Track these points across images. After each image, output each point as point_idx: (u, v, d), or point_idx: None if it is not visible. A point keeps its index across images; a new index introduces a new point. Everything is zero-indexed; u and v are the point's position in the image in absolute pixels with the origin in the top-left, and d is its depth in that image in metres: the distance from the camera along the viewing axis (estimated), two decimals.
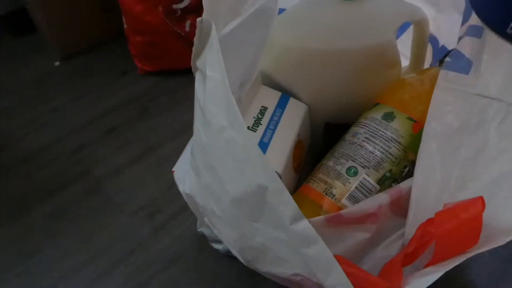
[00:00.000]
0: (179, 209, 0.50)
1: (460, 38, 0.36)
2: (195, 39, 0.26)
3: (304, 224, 0.25)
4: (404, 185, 0.33)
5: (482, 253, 0.31)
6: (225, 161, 0.26)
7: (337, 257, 0.26)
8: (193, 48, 0.27)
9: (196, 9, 0.61)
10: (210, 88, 0.25)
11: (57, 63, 0.74)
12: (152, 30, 0.62)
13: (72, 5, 0.69)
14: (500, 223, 0.29)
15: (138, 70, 0.70)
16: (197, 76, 0.28)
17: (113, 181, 0.55)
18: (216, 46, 0.24)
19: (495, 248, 0.32)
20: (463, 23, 0.36)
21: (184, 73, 0.68)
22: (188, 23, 0.62)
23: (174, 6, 0.60)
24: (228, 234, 0.29)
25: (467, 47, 0.35)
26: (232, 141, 0.25)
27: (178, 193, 0.37)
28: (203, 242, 0.46)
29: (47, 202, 0.53)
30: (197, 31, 0.25)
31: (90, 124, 0.63)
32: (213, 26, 0.24)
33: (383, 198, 0.32)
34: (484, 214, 0.29)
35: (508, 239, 0.28)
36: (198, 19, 0.25)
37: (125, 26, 0.66)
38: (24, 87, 0.71)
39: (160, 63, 0.68)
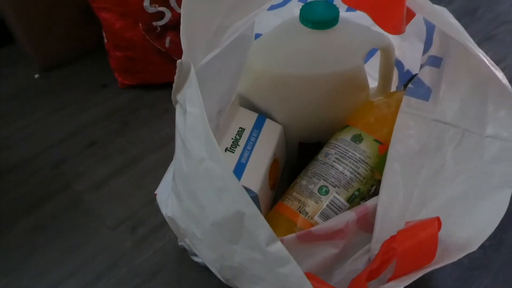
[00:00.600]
0: (161, 222, 0.52)
1: (421, 66, 0.39)
2: (176, 77, 0.28)
3: (278, 246, 0.28)
4: (369, 203, 0.36)
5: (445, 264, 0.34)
6: (205, 189, 0.28)
7: (308, 274, 0.29)
8: (174, 84, 0.29)
9: (176, 25, 0.63)
10: (190, 122, 0.27)
11: (36, 76, 0.74)
12: (132, 46, 0.64)
13: (51, 18, 0.69)
14: (455, 240, 0.32)
15: (119, 84, 0.71)
16: (178, 109, 0.30)
17: (94, 194, 0.56)
18: (195, 85, 0.26)
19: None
20: (424, 52, 0.40)
21: (164, 87, 0.69)
22: (168, 39, 0.64)
23: (154, 23, 0.62)
24: (208, 255, 0.31)
25: (427, 76, 0.38)
26: (211, 171, 0.27)
27: (159, 207, 0.38)
28: (184, 255, 0.48)
29: (27, 217, 0.54)
30: (177, 70, 0.27)
31: (70, 138, 0.64)
32: (192, 67, 0.27)
33: (350, 215, 0.35)
34: (441, 231, 0.32)
35: (460, 256, 0.31)
36: (178, 61, 0.27)
37: (105, 41, 0.67)
38: (3, 100, 0.70)
39: (140, 77, 0.69)
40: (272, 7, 0.42)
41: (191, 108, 0.27)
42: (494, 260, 0.48)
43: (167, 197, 0.35)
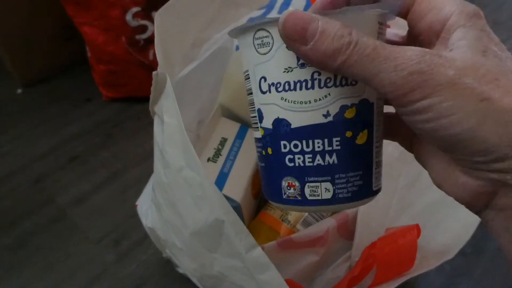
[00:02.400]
0: (144, 235, 0.51)
1: None
2: (152, 89, 0.28)
3: (258, 252, 0.28)
4: (350, 210, 0.37)
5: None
6: (184, 198, 0.28)
7: (288, 281, 0.29)
8: (151, 96, 0.29)
9: None
10: (167, 132, 0.27)
11: (19, 91, 0.74)
12: (115, 59, 0.64)
13: (32, 34, 0.69)
14: (433, 247, 0.33)
15: (103, 97, 0.71)
16: (156, 120, 0.30)
17: (77, 208, 0.56)
18: (172, 95, 0.27)
19: (440, 264, 0.36)
20: None
21: (148, 100, 0.69)
22: (151, 52, 0.64)
23: (137, 36, 0.62)
24: (188, 264, 0.31)
25: None
26: (190, 180, 0.28)
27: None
28: (168, 267, 0.47)
29: (7, 233, 0.53)
30: (153, 82, 0.27)
31: (53, 152, 0.64)
32: (168, 78, 0.27)
33: (331, 222, 0.35)
34: (420, 238, 0.33)
35: (439, 263, 0.32)
36: (154, 73, 0.27)
37: (88, 54, 0.67)
38: None
39: (124, 90, 0.69)
40: (252, 20, 0.43)
41: (169, 119, 0.27)
42: (476, 267, 0.48)
43: (148, 208, 0.35)
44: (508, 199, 0.18)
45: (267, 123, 0.23)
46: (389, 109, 0.25)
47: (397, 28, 0.24)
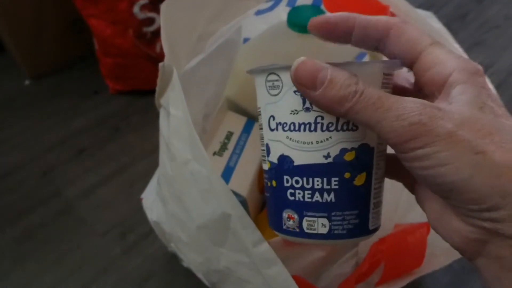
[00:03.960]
0: (150, 228, 0.51)
1: None
2: (158, 80, 0.28)
3: (265, 247, 0.27)
4: None
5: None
6: (191, 192, 0.28)
7: (294, 276, 0.29)
8: (157, 88, 0.29)
9: None
10: (174, 125, 0.27)
11: (27, 83, 0.74)
12: (122, 52, 0.64)
13: (40, 26, 0.69)
14: (442, 243, 0.32)
15: (110, 90, 0.71)
16: (161, 113, 0.30)
17: (85, 201, 0.56)
18: (178, 87, 0.26)
19: (449, 263, 0.35)
20: None
21: (155, 93, 0.69)
22: (158, 45, 0.64)
23: (144, 29, 0.62)
24: (194, 259, 0.31)
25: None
26: (196, 173, 0.27)
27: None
28: (174, 260, 0.48)
29: (15, 225, 0.53)
30: (159, 74, 0.27)
31: (60, 145, 0.64)
32: (174, 70, 0.27)
33: None
34: (429, 235, 0.32)
35: (448, 262, 0.31)
36: (160, 64, 0.27)
37: (96, 47, 0.67)
38: None
39: (132, 83, 0.69)
40: (260, 12, 0.42)
41: (175, 111, 0.27)
42: None
43: (153, 201, 0.35)
44: (498, 249, 0.19)
45: (274, 158, 0.24)
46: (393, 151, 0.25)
47: (409, 74, 0.25)
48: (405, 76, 0.26)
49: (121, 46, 0.63)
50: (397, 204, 0.35)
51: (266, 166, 0.26)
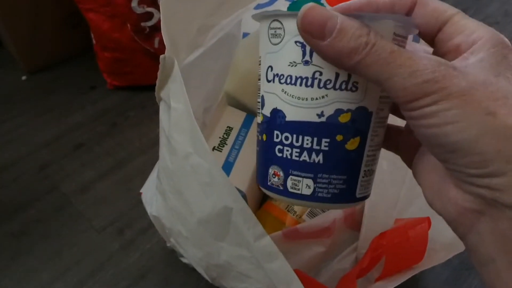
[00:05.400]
0: (149, 223, 0.51)
1: None
2: (159, 73, 0.28)
3: (267, 241, 0.27)
4: None
5: None
6: (191, 185, 0.28)
7: (296, 270, 0.29)
8: (157, 81, 0.28)
9: None
10: (174, 118, 0.27)
11: (24, 78, 0.73)
12: (120, 47, 0.63)
13: (37, 20, 0.69)
14: (442, 238, 0.32)
15: (107, 85, 0.70)
16: (162, 106, 0.30)
17: (82, 197, 0.56)
18: (179, 80, 0.26)
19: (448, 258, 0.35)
20: None
21: (153, 88, 0.67)
22: (157, 40, 0.64)
23: (143, 23, 0.61)
24: (194, 254, 0.30)
25: None
26: (197, 167, 0.27)
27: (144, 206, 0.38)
28: (172, 256, 0.47)
29: (11, 220, 0.53)
30: (160, 66, 0.27)
31: (57, 140, 0.63)
32: (176, 62, 0.26)
33: (338, 213, 0.35)
34: (430, 230, 0.32)
35: (448, 257, 0.31)
36: (161, 56, 0.26)
37: (93, 42, 0.66)
38: None
39: (129, 78, 0.69)
40: (260, 6, 0.42)
41: (176, 104, 0.27)
42: None
43: (152, 196, 0.35)
44: (494, 221, 0.18)
45: (267, 110, 0.24)
46: (397, 122, 0.26)
47: (425, 46, 0.24)
48: (420, 48, 0.25)
49: (119, 40, 0.62)
50: (397, 199, 0.35)
51: (259, 119, 0.25)
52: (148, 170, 0.47)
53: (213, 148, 0.39)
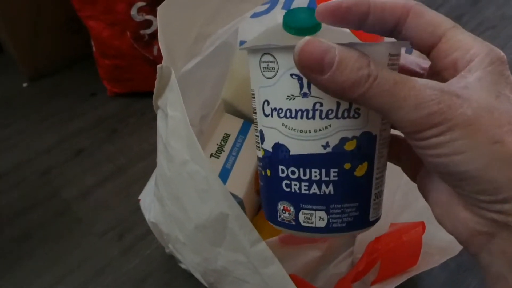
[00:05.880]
0: (148, 229, 0.51)
1: None
2: (156, 82, 0.28)
3: (263, 246, 0.28)
4: None
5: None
6: (188, 192, 0.29)
7: (292, 275, 0.29)
8: (154, 90, 0.29)
9: None
10: (171, 126, 0.28)
11: (25, 84, 0.74)
12: (120, 54, 0.64)
13: (38, 26, 0.69)
14: (437, 242, 0.33)
15: (108, 92, 0.71)
16: (159, 114, 0.30)
17: (82, 202, 0.56)
18: (176, 89, 0.27)
19: (445, 262, 0.35)
20: None
21: (152, 95, 0.69)
22: (155, 47, 0.64)
23: (142, 31, 0.62)
24: (191, 259, 0.31)
25: None
26: (194, 174, 0.28)
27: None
28: (171, 262, 0.48)
29: (13, 225, 0.53)
30: (157, 75, 0.28)
31: (58, 145, 0.64)
32: (173, 72, 0.27)
33: None
34: (424, 234, 0.33)
35: (442, 260, 0.32)
36: (158, 66, 0.27)
37: (94, 49, 0.67)
38: None
39: (129, 85, 0.69)
40: (256, 15, 0.43)
41: (173, 112, 0.27)
42: None
43: (150, 202, 0.35)
44: (505, 243, 0.18)
45: (268, 145, 0.23)
46: (398, 132, 0.25)
47: (418, 57, 0.24)
48: (414, 60, 0.24)
49: (119, 48, 0.63)
50: (391, 204, 0.36)
51: (259, 154, 0.24)
52: (147, 176, 0.48)
53: (211, 155, 0.40)
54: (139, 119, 0.68)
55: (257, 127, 0.24)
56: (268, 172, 0.24)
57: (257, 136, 0.24)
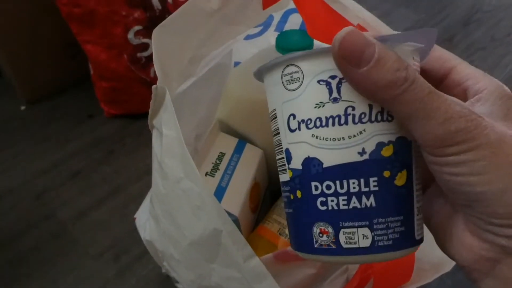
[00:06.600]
0: (144, 250, 0.51)
1: None
2: (151, 102, 0.29)
3: (256, 261, 0.28)
4: None
5: (429, 284, 0.34)
6: (183, 209, 0.29)
7: None
8: (150, 109, 0.30)
9: None
10: (166, 144, 0.28)
11: (23, 108, 0.75)
12: (117, 76, 0.65)
13: (37, 51, 0.71)
14: (430, 258, 0.33)
15: (105, 113, 0.72)
16: (154, 133, 0.31)
17: (78, 223, 0.56)
18: (171, 109, 0.27)
19: (441, 279, 0.36)
20: None
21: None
22: (152, 69, 0.66)
23: (139, 54, 0.63)
24: (186, 276, 0.31)
25: None
26: (188, 190, 0.28)
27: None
28: (167, 282, 0.48)
29: (9, 248, 0.53)
30: (152, 96, 0.28)
31: (55, 167, 0.64)
32: (167, 91, 0.28)
33: None
34: (417, 250, 0.33)
35: (435, 276, 0.32)
36: (153, 87, 0.28)
37: (91, 72, 0.68)
38: None
39: (126, 106, 0.70)
40: (249, 37, 0.44)
41: (167, 131, 0.28)
42: None
43: (146, 220, 0.36)
44: (510, 270, 0.18)
45: (296, 163, 0.21)
46: None
47: None
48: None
49: (116, 70, 0.64)
50: None
51: (286, 177, 0.22)
52: (144, 196, 0.48)
53: (206, 174, 0.40)
54: (136, 140, 0.69)
55: (281, 148, 0.23)
56: (298, 193, 0.22)
57: (282, 159, 0.23)
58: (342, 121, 0.20)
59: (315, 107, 0.20)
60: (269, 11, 0.38)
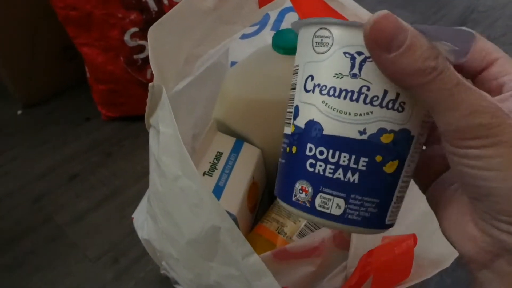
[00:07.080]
0: (142, 252, 0.51)
1: None
2: (148, 101, 0.29)
3: (255, 258, 0.28)
4: None
5: (428, 282, 0.34)
6: (180, 207, 0.29)
7: None
8: (146, 108, 0.30)
9: None
10: (163, 142, 0.28)
11: (19, 112, 0.75)
12: (114, 79, 0.65)
13: (34, 55, 0.71)
14: (429, 255, 0.33)
15: (102, 116, 0.72)
16: (151, 132, 0.31)
17: (76, 227, 0.56)
18: (167, 106, 0.27)
19: (441, 277, 0.35)
20: None
21: None
22: (149, 71, 0.66)
23: (135, 56, 0.63)
24: (184, 275, 0.31)
25: None
26: (186, 188, 0.28)
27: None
28: (166, 284, 0.47)
29: (7, 252, 0.53)
30: (149, 94, 0.28)
31: (52, 171, 0.64)
32: (164, 90, 0.28)
33: (326, 232, 0.35)
34: (416, 246, 0.33)
35: (434, 272, 0.32)
36: (150, 85, 0.28)
37: (88, 75, 0.68)
38: None
39: (123, 109, 0.70)
40: (245, 36, 0.44)
41: (164, 128, 0.28)
42: None
43: (144, 220, 0.35)
44: (508, 265, 0.19)
45: (301, 122, 0.22)
46: None
47: None
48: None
49: (113, 72, 0.64)
50: None
51: (288, 130, 0.23)
52: (141, 198, 0.48)
53: (204, 173, 0.40)
54: (133, 142, 0.69)
55: (292, 103, 0.23)
56: (294, 149, 0.23)
57: (290, 113, 0.24)
58: (354, 97, 0.20)
59: (334, 76, 0.21)
60: (265, 10, 0.38)
